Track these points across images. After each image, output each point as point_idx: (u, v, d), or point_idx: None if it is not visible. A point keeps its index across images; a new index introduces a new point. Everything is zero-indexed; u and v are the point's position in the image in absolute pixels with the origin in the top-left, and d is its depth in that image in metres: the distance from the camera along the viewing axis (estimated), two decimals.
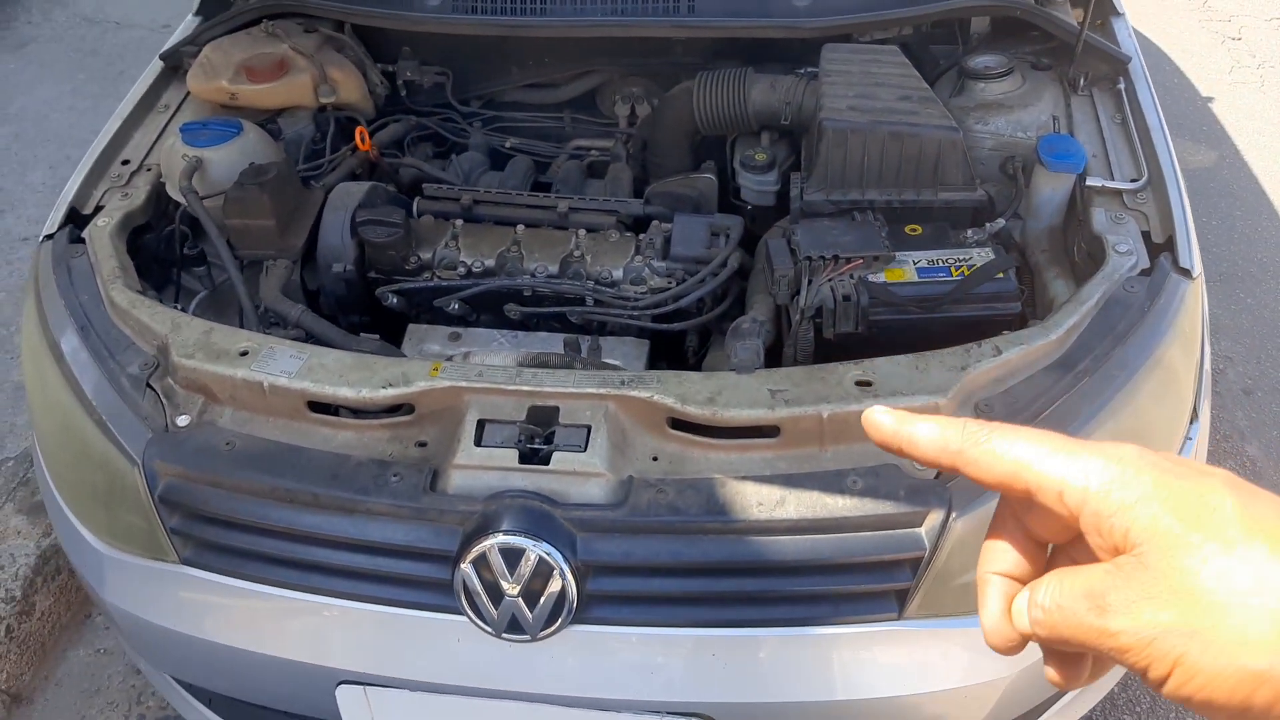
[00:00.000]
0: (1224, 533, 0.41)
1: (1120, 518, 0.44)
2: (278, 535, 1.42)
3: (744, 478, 1.36)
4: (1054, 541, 0.52)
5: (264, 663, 1.50)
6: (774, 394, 1.38)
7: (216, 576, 1.47)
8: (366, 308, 1.88)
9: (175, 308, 1.75)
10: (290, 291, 1.89)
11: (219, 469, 1.42)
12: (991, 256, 1.63)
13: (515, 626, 1.35)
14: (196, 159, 1.82)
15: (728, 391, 1.39)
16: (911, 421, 0.52)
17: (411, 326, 1.82)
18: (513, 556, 1.30)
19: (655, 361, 1.83)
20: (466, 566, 1.32)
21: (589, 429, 1.38)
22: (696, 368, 1.86)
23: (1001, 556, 0.52)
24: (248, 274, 1.84)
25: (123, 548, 1.54)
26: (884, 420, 0.53)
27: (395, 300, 1.81)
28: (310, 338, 1.68)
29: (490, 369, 1.44)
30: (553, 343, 1.77)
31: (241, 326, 1.72)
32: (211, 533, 1.46)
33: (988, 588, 0.51)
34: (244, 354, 1.49)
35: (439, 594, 1.38)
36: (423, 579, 1.38)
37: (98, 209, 1.85)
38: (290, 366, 1.47)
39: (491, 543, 1.30)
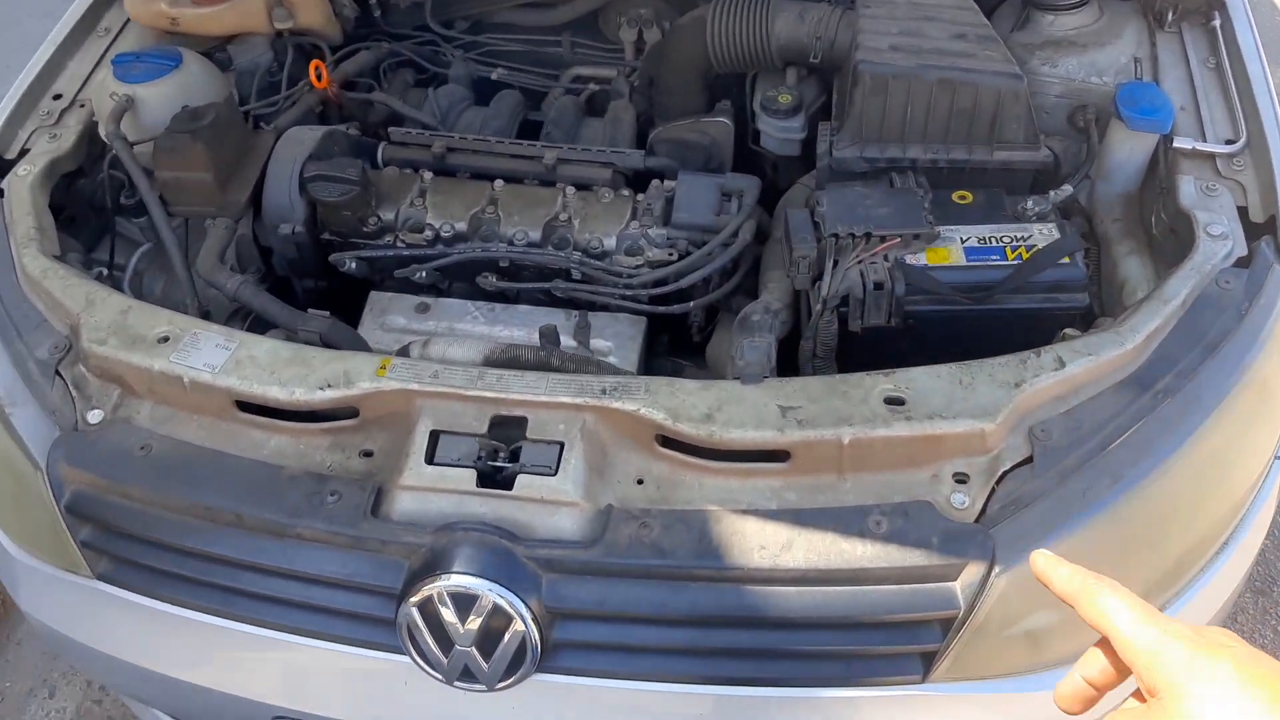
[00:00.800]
0: (1220, 690, 0.57)
1: (1155, 674, 0.59)
2: (198, 556, 1.22)
3: (745, 511, 1.13)
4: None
5: (190, 690, 1.33)
6: (785, 411, 1.14)
7: (133, 595, 1.28)
8: (323, 271, 1.64)
9: (100, 273, 1.53)
10: (242, 249, 1.66)
11: (131, 478, 1.22)
12: (1055, 235, 1.37)
13: (469, 675, 1.15)
14: (127, 97, 1.57)
15: (729, 406, 1.15)
16: (1058, 564, 0.67)
17: (374, 295, 1.59)
18: (465, 601, 1.10)
19: (654, 339, 1.59)
20: (411, 609, 1.11)
21: (561, 446, 1.16)
22: (702, 347, 1.63)
23: (1095, 661, 0.66)
24: (190, 230, 1.61)
25: (35, 554, 1.36)
26: (1039, 561, 0.69)
27: (354, 265, 1.57)
28: (250, 315, 1.45)
29: (448, 369, 1.21)
30: (536, 318, 1.53)
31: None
32: (126, 548, 1.26)
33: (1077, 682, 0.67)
34: (163, 340, 1.27)
35: (382, 631, 1.18)
36: (363, 615, 1.18)
37: (24, 152, 1.61)
38: (215, 359, 1.25)
39: (440, 586, 1.10)
